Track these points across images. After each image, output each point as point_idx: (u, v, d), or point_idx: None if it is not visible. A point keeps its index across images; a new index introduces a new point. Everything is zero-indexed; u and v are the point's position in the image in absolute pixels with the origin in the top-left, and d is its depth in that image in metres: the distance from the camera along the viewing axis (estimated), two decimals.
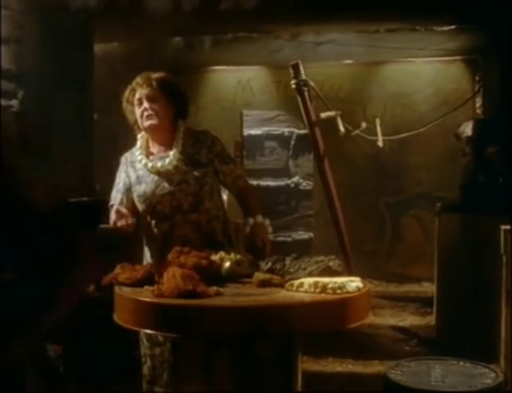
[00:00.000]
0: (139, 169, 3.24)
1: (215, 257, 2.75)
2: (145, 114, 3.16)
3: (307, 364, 4.56)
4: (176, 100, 3.25)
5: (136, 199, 3.23)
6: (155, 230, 3.20)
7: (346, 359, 4.83)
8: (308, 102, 5.45)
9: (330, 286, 2.35)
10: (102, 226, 4.54)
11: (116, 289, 2.51)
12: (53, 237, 3.12)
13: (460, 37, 6.37)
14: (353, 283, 2.40)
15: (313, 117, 5.53)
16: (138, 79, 3.22)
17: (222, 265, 2.70)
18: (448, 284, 5.48)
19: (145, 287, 2.48)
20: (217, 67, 8.12)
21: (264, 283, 2.54)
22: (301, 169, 9.97)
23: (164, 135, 3.24)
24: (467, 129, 5.54)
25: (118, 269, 2.66)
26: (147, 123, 3.17)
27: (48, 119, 5.12)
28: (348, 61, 7.77)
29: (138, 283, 2.54)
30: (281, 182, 9.96)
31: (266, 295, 2.38)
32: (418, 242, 7.69)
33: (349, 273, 4.39)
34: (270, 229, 3.22)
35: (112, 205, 3.25)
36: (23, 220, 2.98)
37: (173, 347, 2.73)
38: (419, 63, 7.73)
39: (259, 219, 3.19)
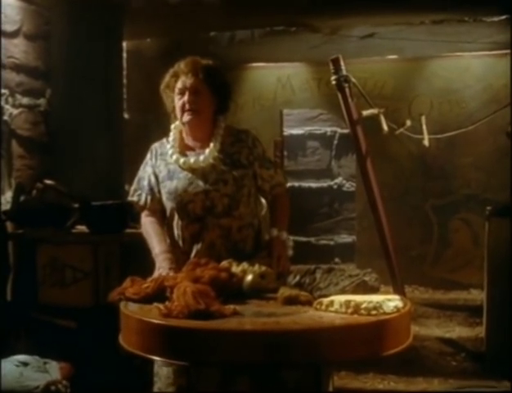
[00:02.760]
0: (170, 164, 2.96)
1: (237, 269, 2.47)
2: (187, 107, 2.88)
3: (346, 380, 4.28)
4: (220, 93, 2.96)
5: (165, 196, 2.95)
6: (183, 232, 2.92)
7: (388, 375, 4.52)
8: (349, 99, 5.16)
9: (364, 306, 2.04)
10: (127, 230, 4.38)
11: (122, 306, 2.24)
12: None
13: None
14: (391, 303, 2.09)
15: (355, 115, 5.23)
16: (183, 66, 2.91)
17: (244, 279, 2.41)
18: (499, 292, 5.18)
19: (155, 304, 2.19)
20: (256, 64, 7.94)
21: (290, 300, 2.25)
22: (344, 170, 9.77)
23: (202, 130, 2.97)
24: None
25: (126, 282, 2.38)
26: (187, 118, 2.89)
27: (76, 118, 4.95)
28: (393, 57, 7.56)
29: (148, 299, 2.27)
30: (324, 184, 9.79)
31: (290, 315, 2.08)
32: (466, 247, 7.43)
33: (393, 279, 4.17)
34: (290, 251, 2.93)
35: (134, 202, 3.02)
36: None
37: (182, 369, 2.42)
38: (467, 57, 7.44)
39: (284, 235, 2.91)
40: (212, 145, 2.92)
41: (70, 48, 4.95)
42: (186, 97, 2.87)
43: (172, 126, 3.04)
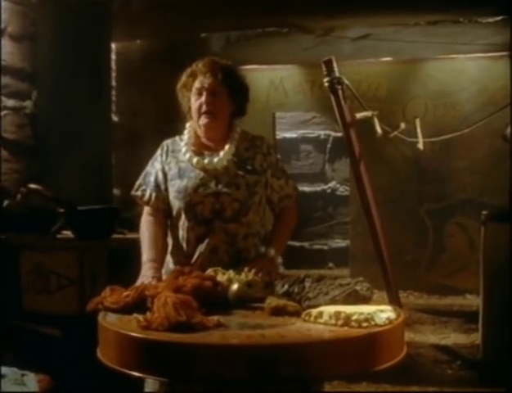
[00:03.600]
0: (181, 162, 2.85)
1: (222, 278, 2.35)
2: (204, 109, 2.77)
3: (338, 389, 4.14)
4: (238, 96, 2.85)
5: (173, 194, 2.82)
6: (189, 234, 2.79)
7: (381, 384, 4.39)
8: (342, 102, 5.06)
9: (355, 317, 1.93)
10: (115, 236, 4.27)
11: (100, 317, 2.12)
12: None
13: (506, 30, 5.96)
14: (383, 314, 1.97)
15: (348, 118, 5.11)
16: (201, 65, 2.81)
17: (229, 288, 2.30)
18: (495, 298, 5.07)
19: (134, 315, 2.07)
20: (248, 66, 7.80)
21: (277, 311, 2.13)
22: (338, 174, 9.68)
23: (218, 132, 2.84)
24: None
25: (106, 291, 2.26)
26: (204, 121, 2.78)
27: (63, 120, 4.87)
28: (387, 59, 7.50)
29: (128, 309, 2.14)
30: (317, 188, 9.70)
31: (276, 327, 1.96)
32: (462, 252, 7.38)
33: (387, 284, 4.06)
34: (281, 269, 2.77)
35: (138, 197, 2.90)
36: None
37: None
38: (462, 59, 7.38)
39: (271, 252, 2.78)
40: (227, 147, 2.80)
41: (57, 49, 4.87)
42: (203, 98, 2.77)
43: (188, 124, 2.94)
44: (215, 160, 2.79)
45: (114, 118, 6.20)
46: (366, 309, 1.99)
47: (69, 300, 3.88)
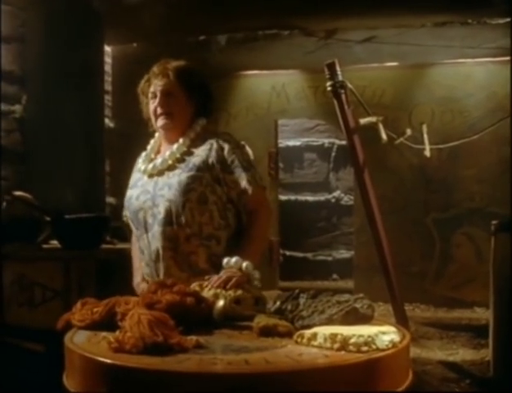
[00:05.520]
0: (137, 172, 2.79)
1: (208, 293, 2.12)
2: (159, 111, 2.68)
3: None
4: (197, 94, 2.74)
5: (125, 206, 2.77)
6: (140, 243, 2.71)
7: None
8: (346, 106, 4.90)
9: (353, 340, 1.68)
10: (104, 246, 4.07)
11: (66, 337, 1.89)
12: None
13: None
14: (386, 336, 1.73)
15: (352, 123, 4.96)
16: (155, 68, 2.73)
17: (215, 304, 2.07)
18: (506, 311, 4.85)
19: (104, 335, 1.84)
20: (249, 72, 7.69)
21: (267, 331, 1.90)
22: (342, 183, 9.47)
23: (177, 134, 2.72)
24: None
25: (76, 306, 2.04)
26: (161, 123, 2.69)
27: (53, 125, 4.70)
28: (392, 64, 7.30)
29: (96, 327, 1.92)
30: (321, 197, 9.49)
31: (263, 351, 1.71)
32: (470, 263, 7.17)
33: (392, 296, 3.86)
34: (256, 282, 2.45)
35: (124, 223, 2.87)
36: None
37: None
38: (470, 64, 7.18)
39: (250, 269, 2.45)
40: (175, 146, 2.68)
41: (47, 52, 4.73)
42: (158, 100, 2.68)
43: (156, 134, 2.83)
44: (158, 161, 2.67)
45: (110, 123, 6.02)
46: (366, 330, 1.75)
47: (53, 314, 3.68)
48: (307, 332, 1.80)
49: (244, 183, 2.62)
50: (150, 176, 2.69)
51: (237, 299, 2.12)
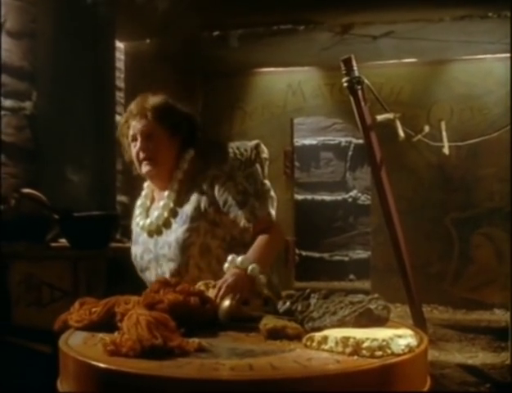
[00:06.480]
0: (136, 225, 2.62)
1: (213, 293, 2.02)
2: (141, 156, 2.48)
3: None
4: (181, 129, 2.55)
5: None
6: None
7: None
8: (362, 103, 4.80)
9: (367, 344, 1.57)
10: (113, 245, 3.99)
11: (61, 339, 1.80)
12: None
13: None
14: (402, 340, 1.62)
15: (368, 120, 4.86)
16: (132, 107, 2.53)
17: (220, 305, 1.97)
18: None
19: (101, 336, 1.74)
20: (264, 69, 7.62)
21: (275, 334, 1.79)
22: (359, 182, 9.37)
23: (163, 179, 2.55)
24: None
25: (74, 306, 1.96)
26: (145, 169, 2.49)
27: (64, 122, 4.63)
28: (410, 60, 7.21)
29: (94, 328, 1.82)
30: (338, 197, 9.40)
31: (270, 355, 1.61)
32: (489, 264, 7.08)
33: (410, 298, 3.76)
34: (263, 289, 2.26)
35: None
36: None
37: None
38: (490, 60, 7.07)
39: (255, 272, 2.22)
40: (166, 194, 2.51)
41: (58, 48, 4.63)
42: (138, 144, 2.48)
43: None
44: (154, 215, 2.50)
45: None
46: (380, 333, 1.64)
47: (62, 314, 3.65)
48: (318, 335, 1.69)
49: (243, 222, 2.41)
50: (150, 234, 2.53)
51: (245, 299, 2.02)
